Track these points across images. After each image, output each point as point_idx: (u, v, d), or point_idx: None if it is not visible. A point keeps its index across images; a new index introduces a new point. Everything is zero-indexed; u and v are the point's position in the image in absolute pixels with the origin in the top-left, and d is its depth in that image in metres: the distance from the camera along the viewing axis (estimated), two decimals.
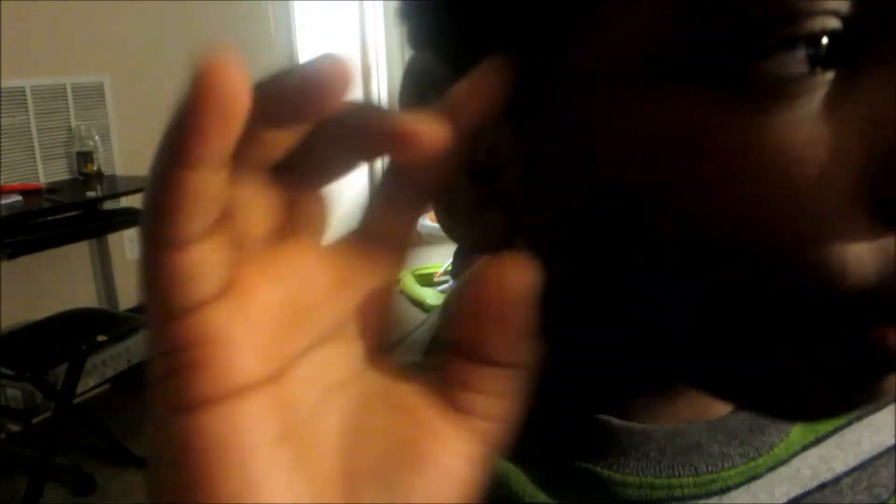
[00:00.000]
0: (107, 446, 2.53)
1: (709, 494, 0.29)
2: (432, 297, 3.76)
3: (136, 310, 3.04)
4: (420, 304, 3.79)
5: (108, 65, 2.99)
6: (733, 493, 0.30)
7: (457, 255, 3.92)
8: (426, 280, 4.12)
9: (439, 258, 4.29)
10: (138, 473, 2.49)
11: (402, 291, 4.06)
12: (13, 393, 2.50)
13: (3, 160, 2.61)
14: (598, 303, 0.25)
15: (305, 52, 4.06)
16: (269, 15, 3.79)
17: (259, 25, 3.75)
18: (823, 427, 0.32)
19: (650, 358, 0.26)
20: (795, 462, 0.31)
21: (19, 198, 2.52)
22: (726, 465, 0.30)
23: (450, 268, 3.93)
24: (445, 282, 3.96)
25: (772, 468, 0.31)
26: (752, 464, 0.30)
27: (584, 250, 0.24)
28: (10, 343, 2.40)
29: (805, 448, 0.32)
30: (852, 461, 0.32)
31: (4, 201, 2.45)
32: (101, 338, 2.44)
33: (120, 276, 3.05)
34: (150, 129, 3.38)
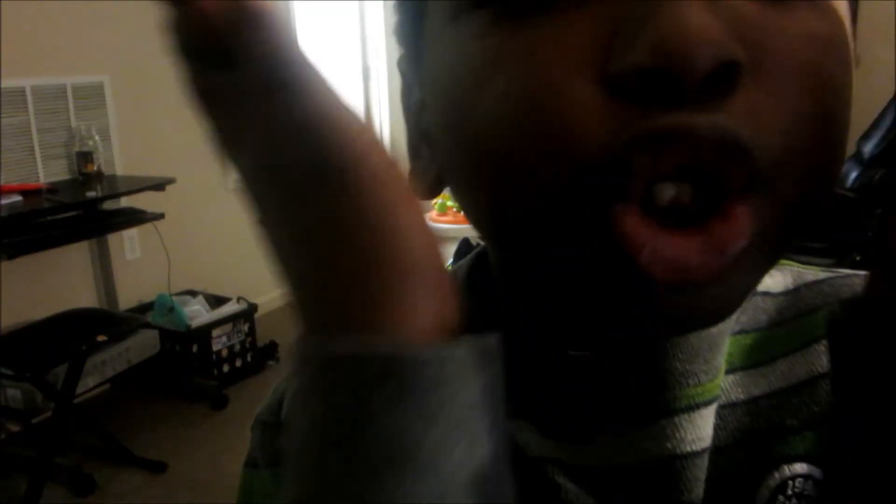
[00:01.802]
0: (107, 446, 2.53)
1: (668, 413, 0.30)
2: None
3: (136, 310, 3.05)
4: None
5: (108, 65, 2.99)
6: (703, 412, 0.30)
7: (456, 256, 3.91)
8: None
9: None
10: (138, 473, 2.49)
11: None
12: (13, 393, 2.49)
13: (3, 160, 2.61)
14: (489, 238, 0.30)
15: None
16: None
17: None
18: (741, 360, 0.33)
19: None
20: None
21: (19, 198, 2.52)
22: (691, 383, 0.30)
23: (449, 268, 3.92)
24: None
25: (717, 396, 0.31)
26: (704, 387, 0.30)
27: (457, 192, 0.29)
28: (10, 343, 2.40)
29: (731, 371, 0.32)
30: (779, 385, 0.32)
31: (4, 201, 2.45)
32: (101, 338, 2.44)
33: (120, 276, 3.05)
34: (150, 129, 3.39)
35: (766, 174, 0.23)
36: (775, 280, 0.35)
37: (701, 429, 0.31)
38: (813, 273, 0.36)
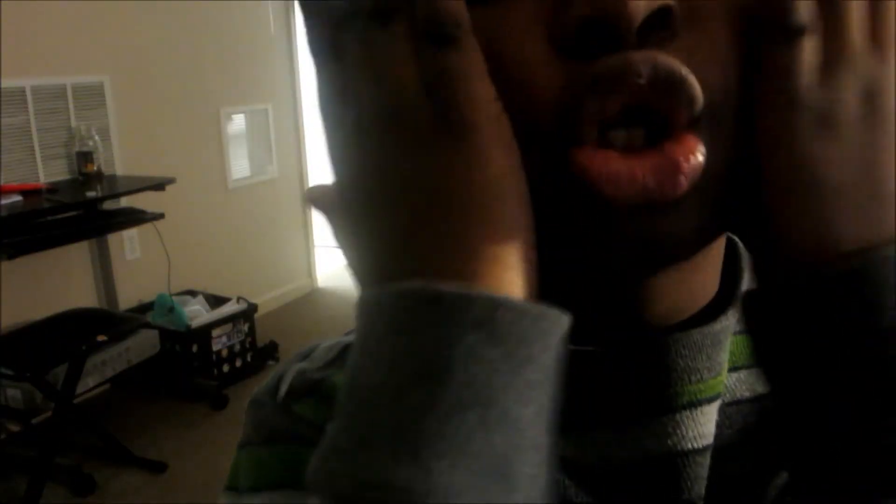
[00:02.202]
0: (107, 446, 2.54)
1: (669, 410, 0.30)
2: None
3: (136, 310, 3.05)
4: None
5: (108, 65, 2.99)
6: (705, 408, 0.31)
7: None
8: None
9: None
10: (138, 473, 2.49)
11: None
12: (13, 393, 2.50)
13: (3, 160, 2.61)
14: None
15: (305, 52, 4.06)
16: (269, 15, 3.79)
17: (259, 25, 3.75)
18: (743, 359, 0.34)
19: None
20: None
21: (19, 198, 2.52)
22: (693, 379, 0.30)
23: None
24: None
25: (720, 393, 0.32)
26: (706, 384, 0.31)
27: None
28: (10, 343, 2.40)
29: (735, 369, 0.33)
30: None
31: (4, 201, 2.45)
32: (101, 338, 2.44)
33: (120, 276, 3.05)
34: (150, 129, 3.40)
35: (708, 110, 0.25)
36: None
37: (703, 426, 0.31)
38: None
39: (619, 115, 0.25)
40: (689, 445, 0.31)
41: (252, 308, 3.20)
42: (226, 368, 3.07)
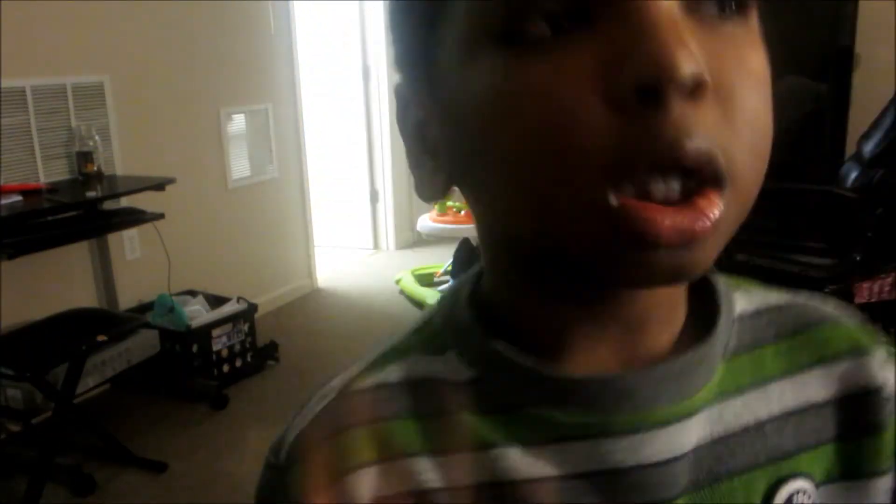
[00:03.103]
0: (107, 446, 2.54)
1: (638, 430, 0.35)
2: (432, 296, 3.76)
3: (136, 310, 3.05)
4: (420, 304, 3.79)
5: (108, 65, 2.99)
6: (662, 431, 0.35)
7: (457, 255, 3.92)
8: (426, 280, 4.11)
9: (439, 258, 4.28)
10: (138, 473, 2.49)
11: (402, 292, 4.06)
12: (13, 393, 2.50)
13: (3, 160, 2.61)
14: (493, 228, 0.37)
15: (305, 52, 4.05)
16: (269, 15, 3.79)
17: (259, 25, 3.75)
18: (744, 379, 0.38)
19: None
20: (718, 407, 0.37)
21: (19, 198, 2.52)
22: (655, 405, 0.35)
23: (450, 268, 3.93)
24: (445, 281, 3.96)
25: (696, 411, 0.36)
26: (679, 406, 0.35)
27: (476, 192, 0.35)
28: (10, 343, 2.40)
29: (728, 396, 0.37)
30: (776, 410, 0.38)
31: (4, 201, 2.45)
32: (101, 338, 2.44)
33: (120, 276, 3.05)
34: (150, 129, 3.40)
35: (731, 173, 0.29)
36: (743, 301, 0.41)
37: (675, 440, 0.35)
38: (776, 296, 0.42)
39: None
40: (662, 458, 0.35)
41: (252, 308, 3.20)
42: (226, 368, 3.07)
